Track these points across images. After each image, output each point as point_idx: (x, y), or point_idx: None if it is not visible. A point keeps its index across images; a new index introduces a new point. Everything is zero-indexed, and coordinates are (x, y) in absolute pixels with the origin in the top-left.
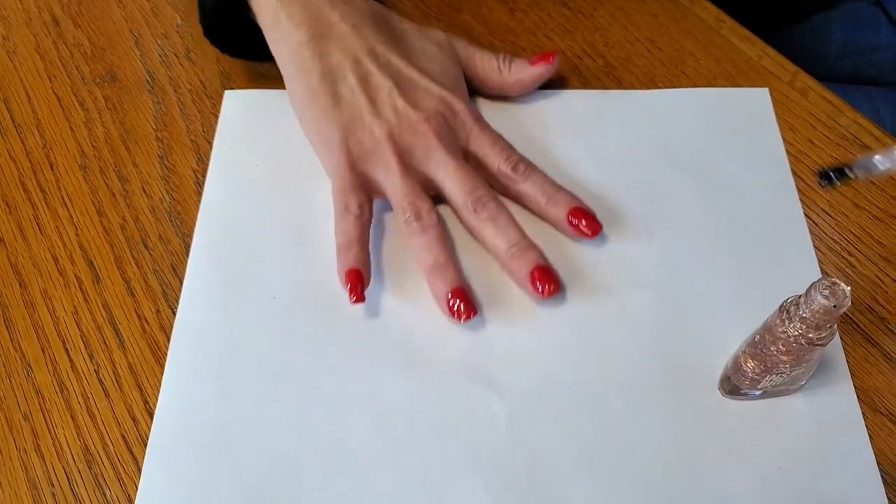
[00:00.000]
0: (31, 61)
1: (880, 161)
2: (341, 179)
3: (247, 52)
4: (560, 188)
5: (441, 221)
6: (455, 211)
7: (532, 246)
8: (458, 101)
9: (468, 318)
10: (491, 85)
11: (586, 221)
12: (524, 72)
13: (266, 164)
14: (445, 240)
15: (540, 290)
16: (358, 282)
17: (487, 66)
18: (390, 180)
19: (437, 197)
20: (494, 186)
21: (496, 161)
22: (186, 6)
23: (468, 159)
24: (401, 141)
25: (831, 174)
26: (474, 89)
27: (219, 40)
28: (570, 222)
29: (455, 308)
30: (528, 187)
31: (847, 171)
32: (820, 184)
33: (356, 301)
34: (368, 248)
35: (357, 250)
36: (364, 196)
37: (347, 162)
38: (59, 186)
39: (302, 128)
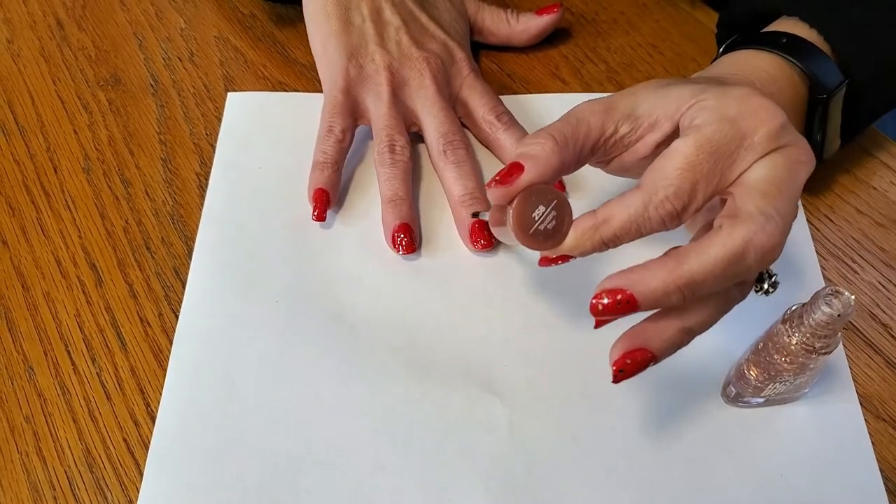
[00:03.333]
0: (35, 64)
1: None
2: (333, 101)
3: None
4: None
5: (412, 159)
6: (427, 148)
7: (484, 200)
8: (460, 50)
9: (408, 252)
10: (499, 34)
11: None
12: (531, 21)
13: (269, 167)
14: (410, 177)
15: (474, 242)
16: (323, 201)
17: (496, 18)
18: (378, 108)
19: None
20: (476, 134)
21: (482, 109)
22: (190, 10)
23: (457, 106)
24: (397, 73)
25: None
26: (482, 44)
27: None
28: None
29: (399, 241)
30: (505, 136)
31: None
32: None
33: (317, 219)
34: (341, 171)
35: (330, 172)
36: (349, 122)
37: (343, 86)
38: (63, 189)
39: (311, 45)
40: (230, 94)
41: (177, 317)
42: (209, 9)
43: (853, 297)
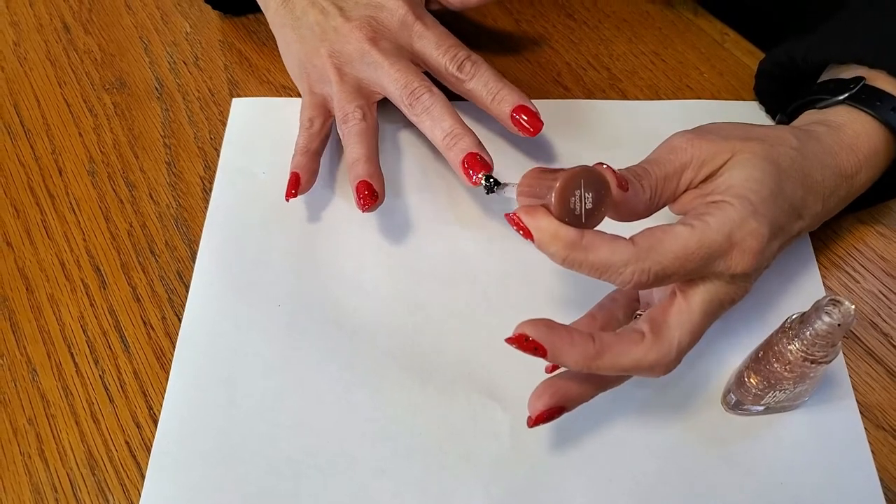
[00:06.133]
0: (41, 67)
1: (504, 191)
2: (304, 100)
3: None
4: (506, 84)
5: (367, 121)
6: (398, 108)
7: (466, 133)
8: (399, 4)
9: (368, 206)
10: None
11: (528, 118)
12: None
13: (273, 172)
14: (369, 137)
15: (471, 176)
16: (294, 184)
17: None
18: (333, 92)
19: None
20: (444, 83)
21: (442, 60)
22: (196, 15)
23: (416, 60)
24: (339, 55)
25: (492, 182)
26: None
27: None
28: (514, 118)
29: (361, 194)
30: (473, 84)
31: (493, 188)
32: (484, 187)
33: (287, 198)
34: (313, 156)
35: (299, 158)
36: (320, 112)
37: (307, 87)
38: (68, 192)
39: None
40: (235, 100)
41: (180, 320)
42: (214, 13)
43: (853, 306)
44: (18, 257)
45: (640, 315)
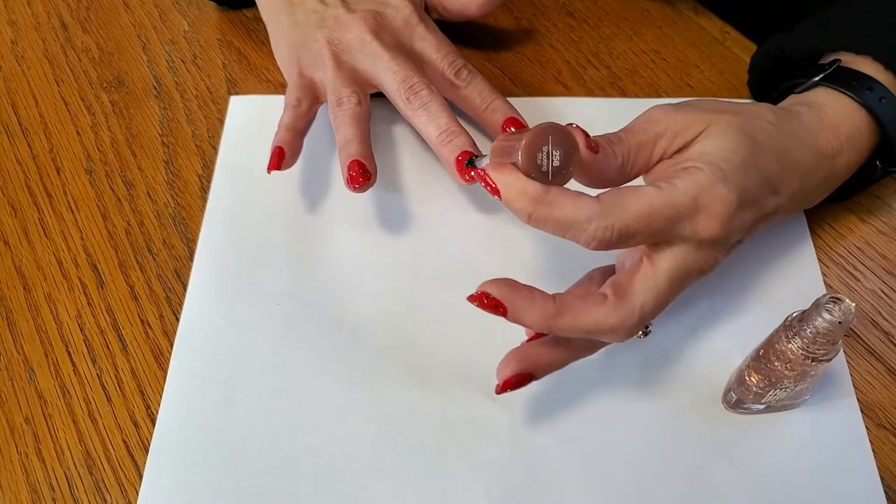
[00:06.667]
0: (39, 66)
1: (480, 161)
2: (291, 83)
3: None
4: (499, 96)
5: (363, 106)
6: (391, 101)
7: (461, 132)
8: (405, 3)
9: (360, 183)
10: (450, 6)
11: (477, 174)
12: None
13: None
14: (363, 121)
15: (464, 174)
16: (279, 157)
17: None
18: (326, 77)
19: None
20: (438, 88)
21: (441, 65)
22: (194, 13)
23: (413, 59)
24: (338, 42)
25: (473, 157)
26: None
27: None
28: (504, 129)
29: (352, 172)
30: (468, 92)
31: (472, 160)
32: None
33: (269, 170)
34: (298, 134)
35: (283, 133)
36: (305, 94)
37: (297, 70)
38: (65, 190)
39: (272, 48)
40: (233, 98)
41: (178, 319)
42: (212, 12)
43: (854, 304)
44: (16, 256)
45: None
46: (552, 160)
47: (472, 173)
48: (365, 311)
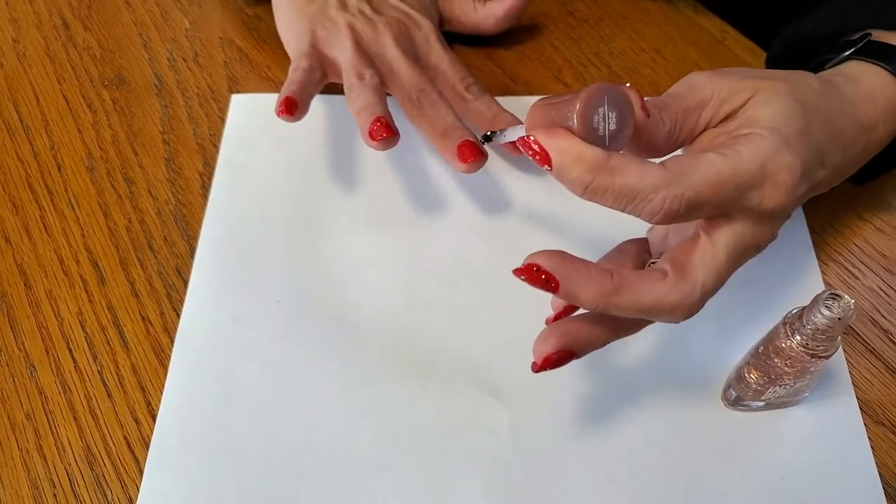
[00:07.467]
0: (40, 63)
1: (504, 135)
2: (299, 52)
3: None
4: (505, 111)
5: (378, 86)
6: (399, 103)
7: (465, 128)
8: (426, 20)
9: (382, 137)
10: (466, 21)
11: (521, 144)
12: (496, 6)
13: (272, 168)
14: (382, 94)
15: (461, 160)
16: (291, 103)
17: (464, 4)
18: (344, 56)
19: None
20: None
21: (453, 79)
22: (195, 11)
23: (427, 72)
24: (360, 33)
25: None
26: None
27: None
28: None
29: (376, 124)
30: (477, 105)
31: (491, 136)
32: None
33: (278, 114)
34: (307, 94)
35: (295, 87)
36: (317, 64)
37: (310, 42)
38: (66, 188)
39: (278, 30)
40: (234, 96)
41: (178, 316)
42: (214, 10)
43: (853, 300)
44: (17, 253)
45: (654, 264)
46: (609, 123)
47: (518, 144)
48: (366, 308)
